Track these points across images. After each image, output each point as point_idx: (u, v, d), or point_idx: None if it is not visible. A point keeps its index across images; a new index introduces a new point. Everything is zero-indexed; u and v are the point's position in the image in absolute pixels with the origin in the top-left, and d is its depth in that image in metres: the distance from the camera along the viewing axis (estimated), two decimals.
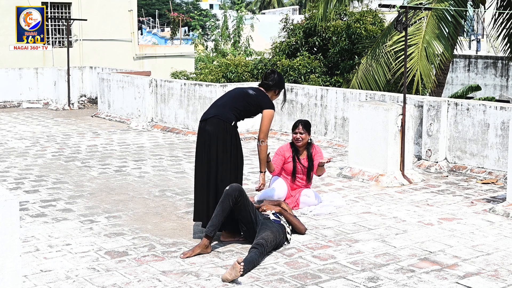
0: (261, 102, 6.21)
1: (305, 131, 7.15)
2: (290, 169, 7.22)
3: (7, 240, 3.59)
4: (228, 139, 6.01)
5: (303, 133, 7.14)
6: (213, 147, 5.99)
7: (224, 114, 6.05)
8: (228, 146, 6.01)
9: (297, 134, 7.15)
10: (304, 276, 5.21)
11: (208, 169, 6.02)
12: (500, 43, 15.22)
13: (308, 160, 7.22)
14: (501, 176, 8.78)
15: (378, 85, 14.35)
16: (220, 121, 6.02)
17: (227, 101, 6.20)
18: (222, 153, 5.99)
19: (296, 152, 7.24)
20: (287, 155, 7.22)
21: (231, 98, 6.23)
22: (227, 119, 6.03)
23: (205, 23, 41.81)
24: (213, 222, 5.65)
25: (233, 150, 6.05)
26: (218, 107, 6.14)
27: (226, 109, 6.09)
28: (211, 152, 6.00)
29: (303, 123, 7.19)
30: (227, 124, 6.02)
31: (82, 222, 6.70)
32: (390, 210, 7.25)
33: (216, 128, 6.00)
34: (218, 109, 6.11)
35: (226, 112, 6.06)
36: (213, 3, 72.12)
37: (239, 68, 18.08)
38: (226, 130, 6.01)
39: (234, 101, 6.18)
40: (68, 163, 9.81)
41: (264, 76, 6.46)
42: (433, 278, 5.19)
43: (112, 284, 5.00)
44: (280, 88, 6.45)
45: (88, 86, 18.10)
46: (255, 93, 6.25)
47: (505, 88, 25.38)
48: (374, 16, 18.07)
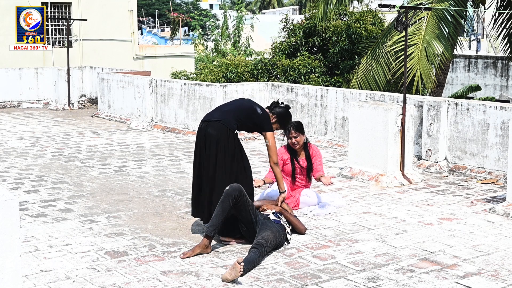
0: (264, 124, 6.22)
1: (299, 133, 7.11)
2: (289, 171, 7.22)
3: (7, 240, 3.59)
4: (229, 144, 6.01)
5: (297, 136, 7.11)
6: (212, 149, 5.98)
7: (227, 120, 6.05)
8: (229, 151, 6.00)
9: (292, 139, 7.12)
10: (304, 276, 5.21)
11: (202, 169, 6.05)
12: (500, 43, 15.23)
13: (307, 159, 7.22)
14: (501, 176, 8.78)
15: (378, 85, 14.35)
16: (223, 126, 6.02)
17: (233, 109, 6.19)
18: (222, 158, 5.98)
19: (294, 153, 7.22)
20: (285, 157, 7.21)
21: (238, 107, 6.22)
22: (230, 125, 6.04)
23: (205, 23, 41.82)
24: (213, 222, 5.65)
25: (237, 155, 6.06)
26: (223, 113, 6.13)
27: (230, 116, 6.09)
28: (207, 153, 5.99)
29: (295, 126, 7.11)
30: (229, 131, 6.03)
31: (82, 222, 6.70)
32: (390, 210, 7.25)
33: (218, 132, 6.00)
34: (222, 115, 6.11)
35: (230, 119, 6.06)
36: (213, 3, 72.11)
37: (239, 68, 18.08)
38: (227, 136, 6.01)
39: (240, 111, 6.17)
40: (68, 163, 9.81)
41: (275, 103, 6.55)
42: (433, 278, 5.19)
43: (112, 284, 5.00)
44: (280, 124, 6.52)
45: (88, 86, 18.11)
46: (261, 113, 6.24)
47: (505, 88, 25.38)
48: (374, 16, 18.07)
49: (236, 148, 6.06)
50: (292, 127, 7.10)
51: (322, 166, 7.33)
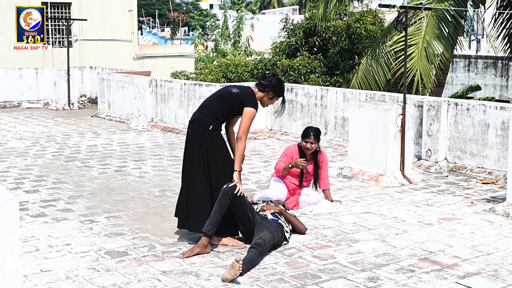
0: (244, 100, 5.96)
1: (316, 141, 7.11)
2: (297, 173, 7.19)
3: (7, 240, 3.59)
4: (204, 144, 5.89)
5: (314, 143, 7.10)
6: (189, 149, 5.99)
7: (202, 118, 5.95)
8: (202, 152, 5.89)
9: (308, 144, 7.10)
10: (304, 276, 5.21)
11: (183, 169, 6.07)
12: (500, 43, 15.23)
13: (315, 167, 7.20)
14: (501, 176, 8.78)
15: (378, 85, 14.35)
16: (197, 126, 5.94)
17: (209, 103, 6.06)
18: (196, 157, 5.92)
19: (303, 156, 7.20)
20: (295, 156, 7.18)
21: (214, 99, 6.07)
22: (204, 123, 5.92)
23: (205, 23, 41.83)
24: (211, 220, 5.65)
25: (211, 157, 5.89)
26: (200, 110, 6.05)
27: (207, 112, 5.97)
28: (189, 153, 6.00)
29: (315, 133, 7.10)
30: (205, 130, 5.91)
31: (82, 222, 6.70)
32: (390, 210, 7.25)
33: (194, 133, 5.96)
34: (199, 113, 6.03)
35: (205, 116, 5.95)
36: (213, 3, 72.12)
37: (239, 68, 18.08)
38: (202, 136, 5.91)
39: (217, 102, 6.02)
40: (68, 163, 9.81)
41: (262, 75, 6.25)
42: (433, 278, 5.19)
43: (112, 284, 5.00)
44: (276, 93, 6.17)
45: (88, 86, 18.10)
46: (238, 91, 6.03)
47: (505, 88, 25.38)
48: (374, 16, 18.07)
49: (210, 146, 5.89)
50: (312, 133, 7.07)
51: (327, 173, 7.36)
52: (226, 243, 5.94)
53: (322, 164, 7.23)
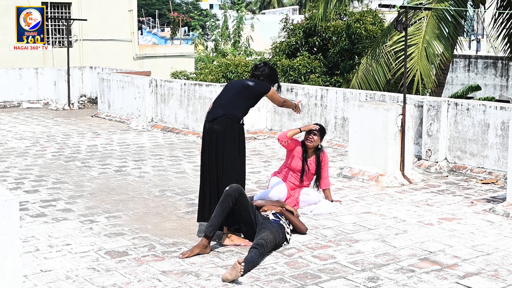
0: (261, 89, 6.29)
1: (319, 136, 7.14)
2: (298, 168, 7.18)
3: (7, 240, 3.59)
4: (236, 137, 6.09)
5: (317, 135, 7.12)
6: (220, 145, 6.03)
7: (232, 113, 6.10)
8: (236, 144, 6.09)
9: (311, 135, 7.13)
10: (304, 276, 5.21)
11: (217, 168, 6.06)
12: (500, 43, 15.23)
13: (316, 165, 7.20)
14: (501, 176, 8.78)
15: (378, 85, 14.35)
16: (229, 120, 6.07)
17: (231, 98, 6.20)
18: (230, 151, 6.05)
19: (306, 152, 7.21)
20: (299, 150, 7.19)
21: (235, 94, 6.23)
22: (236, 118, 6.11)
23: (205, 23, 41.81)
24: (212, 222, 5.66)
25: (241, 149, 6.15)
26: (225, 107, 6.14)
27: (234, 107, 6.13)
28: (219, 150, 6.03)
29: (319, 129, 7.15)
30: (236, 123, 6.10)
31: (82, 222, 6.70)
32: (390, 210, 7.25)
33: (225, 127, 6.05)
34: (225, 109, 6.13)
35: (235, 111, 6.12)
36: (213, 3, 72.10)
37: (239, 68, 18.07)
38: (234, 129, 6.08)
39: (238, 96, 6.20)
40: (68, 163, 9.81)
41: (254, 67, 6.49)
42: (433, 278, 5.19)
43: (112, 284, 5.00)
44: (270, 81, 6.44)
45: (88, 86, 18.10)
46: (253, 83, 6.31)
47: (505, 88, 25.38)
48: (374, 16, 18.06)
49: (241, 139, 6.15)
50: (317, 129, 7.12)
51: (328, 173, 7.37)
52: (237, 243, 5.94)
53: (323, 164, 7.24)
